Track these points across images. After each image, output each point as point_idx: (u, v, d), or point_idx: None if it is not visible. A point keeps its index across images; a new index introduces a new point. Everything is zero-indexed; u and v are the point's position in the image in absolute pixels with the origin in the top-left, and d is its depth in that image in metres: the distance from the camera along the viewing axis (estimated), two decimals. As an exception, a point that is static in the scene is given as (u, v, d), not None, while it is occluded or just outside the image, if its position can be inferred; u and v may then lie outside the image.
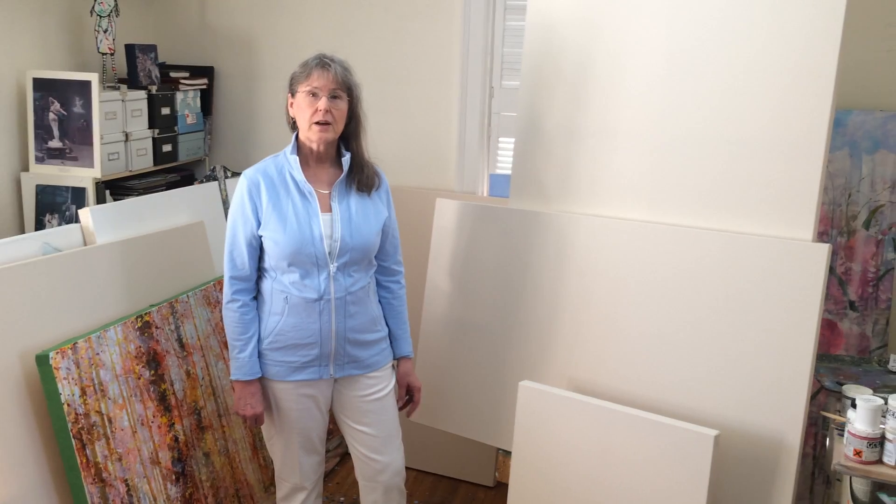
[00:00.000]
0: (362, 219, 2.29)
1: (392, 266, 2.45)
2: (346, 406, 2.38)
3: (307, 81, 2.21)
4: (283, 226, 2.21)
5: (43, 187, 3.10)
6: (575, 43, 2.57)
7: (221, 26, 3.76)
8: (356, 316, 2.30)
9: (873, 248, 2.80)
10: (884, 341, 2.80)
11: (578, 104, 2.57)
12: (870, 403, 1.98)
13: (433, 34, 3.40)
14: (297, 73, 2.27)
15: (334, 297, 2.25)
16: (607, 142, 2.52)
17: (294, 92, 2.26)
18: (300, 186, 2.25)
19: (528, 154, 2.69)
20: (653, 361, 2.40)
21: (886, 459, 1.97)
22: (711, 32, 2.34)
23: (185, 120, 3.59)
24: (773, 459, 2.22)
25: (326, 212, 2.26)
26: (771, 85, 2.26)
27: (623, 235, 2.46)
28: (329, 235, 2.24)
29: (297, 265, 2.22)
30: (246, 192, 2.25)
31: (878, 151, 2.78)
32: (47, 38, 3.24)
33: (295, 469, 2.39)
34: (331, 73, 2.20)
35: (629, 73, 2.48)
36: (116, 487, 2.30)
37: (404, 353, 2.47)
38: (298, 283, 2.24)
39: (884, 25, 2.77)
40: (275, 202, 2.23)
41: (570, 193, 2.59)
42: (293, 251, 2.21)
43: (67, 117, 3.09)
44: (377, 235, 2.33)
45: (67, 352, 2.22)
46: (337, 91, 2.21)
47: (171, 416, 2.54)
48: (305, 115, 2.21)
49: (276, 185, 2.25)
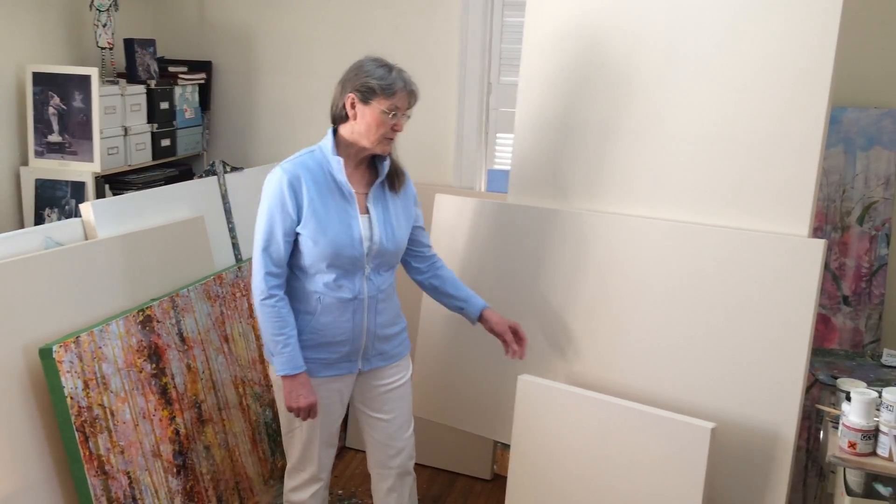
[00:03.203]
0: (396, 221, 2.31)
1: (428, 253, 2.48)
2: (366, 396, 2.41)
3: (390, 100, 2.17)
4: (325, 227, 2.19)
5: (42, 181, 3.11)
6: (574, 40, 2.59)
7: (220, 21, 3.76)
8: (384, 312, 2.33)
9: (867, 244, 2.84)
10: (877, 336, 2.84)
11: (576, 101, 2.59)
12: (864, 396, 2.01)
13: (432, 30, 3.42)
14: (375, 83, 2.17)
15: (367, 296, 2.27)
16: (605, 139, 2.54)
17: (367, 101, 2.19)
18: (341, 187, 2.23)
19: (526, 150, 2.71)
20: (649, 355, 2.43)
21: (880, 451, 2.00)
22: (709, 29, 2.36)
23: (184, 114, 3.60)
24: (769, 452, 2.25)
25: (363, 213, 2.26)
26: (768, 82, 2.28)
27: (621, 231, 2.48)
28: (368, 238, 2.24)
29: (336, 267, 2.22)
30: (287, 186, 2.19)
31: (872, 148, 2.81)
32: (47, 33, 3.24)
33: (314, 461, 2.41)
34: (414, 98, 2.24)
35: (627, 70, 2.50)
36: (119, 480, 2.31)
37: (483, 305, 2.46)
38: (332, 285, 2.24)
39: (879, 23, 2.79)
40: (316, 201, 2.20)
41: (569, 189, 2.62)
42: (333, 253, 2.20)
43: (67, 112, 3.10)
44: (407, 236, 2.37)
45: (70, 345, 2.24)
46: (409, 111, 2.25)
47: (172, 409, 2.56)
48: (379, 131, 2.20)
49: (318, 183, 2.21)
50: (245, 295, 3.03)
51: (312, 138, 3.85)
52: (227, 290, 2.94)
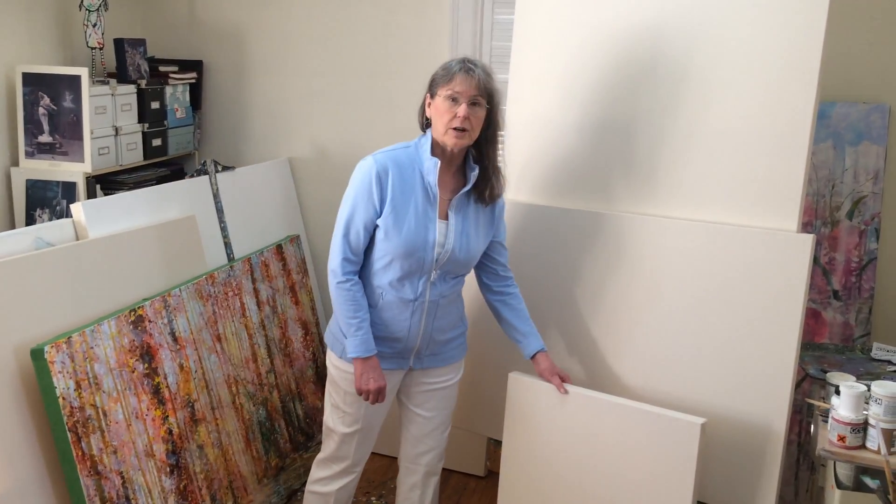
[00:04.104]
0: (474, 233, 2.27)
1: (503, 273, 2.42)
2: (412, 391, 2.42)
3: (449, 85, 2.14)
4: (401, 225, 2.18)
5: (33, 182, 3.11)
6: (563, 38, 2.59)
7: (210, 20, 3.76)
8: (444, 317, 2.32)
9: (856, 239, 2.85)
10: (867, 330, 2.85)
11: (566, 99, 2.59)
12: (853, 390, 2.03)
13: (421, 27, 3.42)
14: (438, 74, 2.19)
15: (428, 300, 2.26)
16: (594, 135, 2.55)
17: (434, 94, 2.19)
18: (428, 188, 2.21)
19: (517, 147, 2.71)
20: (640, 351, 2.44)
21: (869, 444, 2.02)
22: (697, 25, 2.37)
23: (175, 114, 3.60)
24: (760, 446, 2.26)
25: (443, 219, 2.23)
26: (756, 77, 2.29)
27: (609, 228, 2.49)
28: (441, 244, 2.22)
29: (402, 266, 2.21)
30: (375, 176, 2.17)
31: (861, 143, 2.82)
32: (36, 33, 3.23)
33: (350, 453, 2.42)
34: (474, 79, 2.14)
35: (615, 67, 2.50)
36: (112, 480, 2.31)
37: (539, 347, 2.40)
38: (396, 283, 2.23)
39: (867, 18, 2.80)
40: (399, 197, 2.18)
41: (558, 186, 2.62)
42: (404, 252, 2.19)
43: (57, 112, 3.10)
44: (483, 249, 2.33)
45: (62, 346, 2.24)
46: (477, 98, 2.15)
47: (164, 408, 2.56)
48: (444, 120, 2.15)
49: (405, 179, 2.19)
50: (237, 294, 3.03)
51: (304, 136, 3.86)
52: (220, 290, 2.94)
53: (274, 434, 3.08)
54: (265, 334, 3.16)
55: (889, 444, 1.98)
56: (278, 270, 3.35)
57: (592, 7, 2.54)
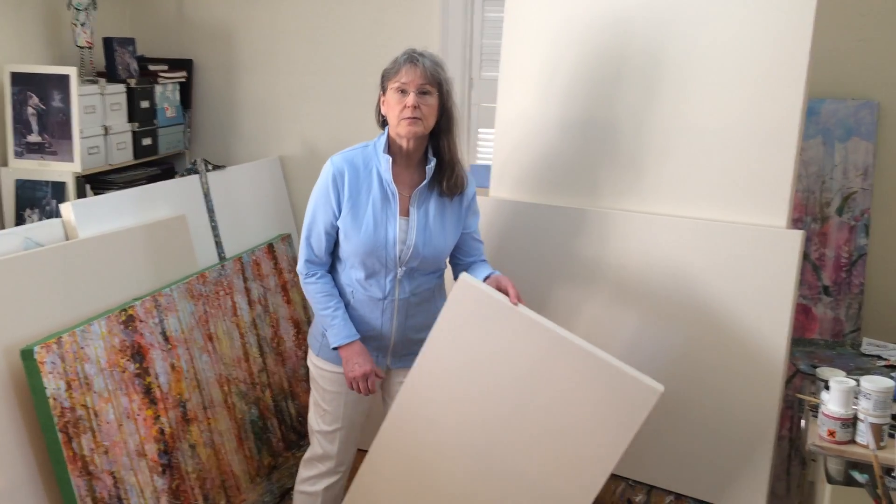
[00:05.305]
0: (439, 227, 2.25)
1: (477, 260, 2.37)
2: (392, 390, 2.40)
3: (396, 77, 2.16)
4: (360, 225, 2.19)
5: (22, 182, 3.09)
6: (553, 35, 2.59)
7: (199, 19, 3.75)
8: (417, 315, 2.30)
9: (846, 234, 2.86)
10: (857, 325, 2.86)
11: (556, 96, 2.60)
12: (842, 385, 2.03)
13: (412, 25, 3.42)
14: (387, 69, 2.21)
15: (398, 298, 2.26)
16: (584, 132, 2.55)
17: (385, 89, 2.21)
18: (385, 186, 2.21)
19: (508, 145, 2.71)
20: (630, 346, 2.44)
21: (859, 439, 2.03)
22: (687, 22, 2.37)
23: (165, 113, 3.59)
24: (751, 441, 2.27)
25: (404, 216, 2.22)
26: (744, 74, 2.30)
27: (600, 224, 2.49)
28: (402, 241, 2.22)
29: (366, 265, 2.22)
30: (330, 179, 2.21)
31: (850, 139, 2.83)
32: (24, 32, 3.22)
33: (334, 452, 2.41)
34: (419, 69, 2.14)
35: (604, 64, 2.51)
36: (103, 480, 2.31)
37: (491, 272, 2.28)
38: (363, 282, 2.24)
39: (856, 15, 2.81)
40: (355, 197, 2.20)
41: (549, 184, 2.62)
42: (364, 251, 2.20)
43: (46, 111, 3.08)
44: (451, 244, 2.30)
45: (52, 346, 2.23)
46: (426, 86, 2.15)
47: (156, 408, 2.55)
48: (395, 112, 2.16)
49: (361, 179, 2.21)
50: (228, 293, 3.03)
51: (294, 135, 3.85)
52: (211, 289, 2.94)
53: (266, 433, 3.08)
54: (257, 333, 3.15)
55: (878, 439, 1.99)
56: (269, 269, 3.35)
57: (582, 4, 2.54)
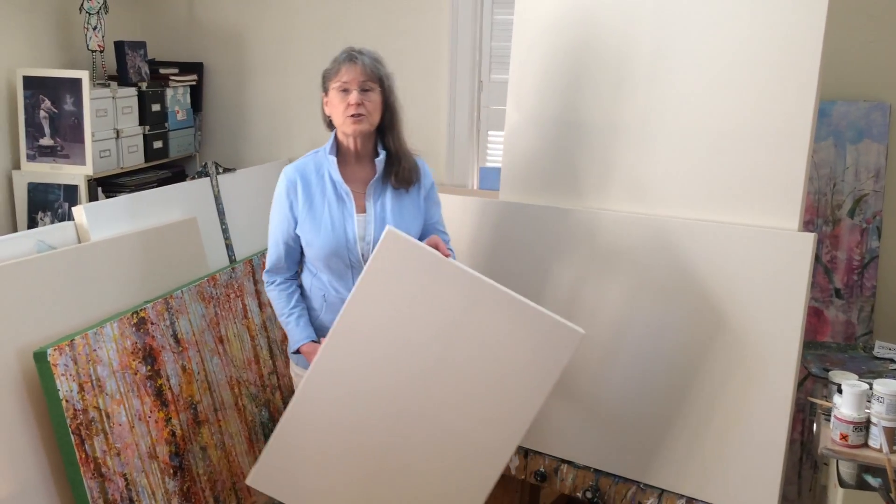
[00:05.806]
0: (398, 219, 2.24)
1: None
2: None
3: (336, 77, 2.19)
4: (318, 228, 2.21)
5: (35, 185, 3.11)
6: (562, 36, 2.59)
7: (210, 22, 3.76)
8: None
9: (858, 237, 2.85)
10: (869, 328, 2.85)
11: (565, 98, 2.59)
12: (855, 389, 2.03)
13: (421, 28, 3.42)
14: (327, 70, 2.24)
15: None
16: (595, 135, 2.55)
17: (327, 89, 2.24)
18: (337, 187, 2.23)
19: (517, 148, 2.71)
20: (641, 350, 2.43)
21: (872, 443, 2.02)
22: (696, 24, 2.37)
23: (176, 116, 3.60)
24: (763, 445, 2.26)
25: (361, 212, 2.24)
26: (756, 76, 2.29)
27: (611, 227, 2.49)
28: (362, 237, 2.23)
29: (331, 267, 2.23)
30: (284, 191, 2.24)
31: (862, 141, 2.82)
32: (37, 36, 3.24)
33: None
34: (359, 66, 2.17)
35: (615, 66, 2.50)
36: (115, 482, 2.32)
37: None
38: (334, 283, 2.26)
39: (867, 16, 2.80)
40: (310, 203, 2.22)
41: (560, 186, 2.62)
42: (327, 254, 2.21)
43: (58, 115, 3.10)
44: (414, 235, 2.28)
45: (65, 348, 2.24)
46: (367, 83, 2.18)
47: (167, 410, 2.56)
48: (339, 111, 2.18)
49: (313, 185, 2.23)
50: (239, 296, 3.04)
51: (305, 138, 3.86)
52: (222, 291, 2.95)
53: (276, 435, 3.08)
54: (267, 336, 3.16)
55: (891, 443, 1.98)
56: (280, 272, 3.35)
57: (590, 8, 2.54)
